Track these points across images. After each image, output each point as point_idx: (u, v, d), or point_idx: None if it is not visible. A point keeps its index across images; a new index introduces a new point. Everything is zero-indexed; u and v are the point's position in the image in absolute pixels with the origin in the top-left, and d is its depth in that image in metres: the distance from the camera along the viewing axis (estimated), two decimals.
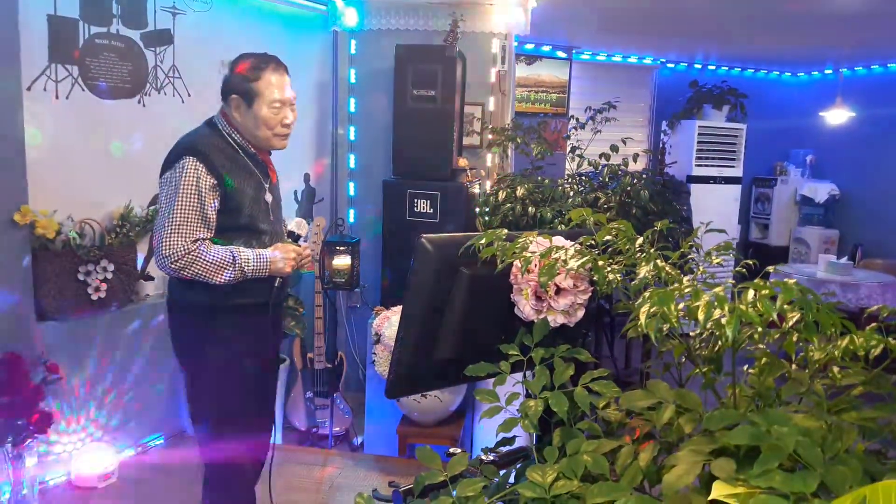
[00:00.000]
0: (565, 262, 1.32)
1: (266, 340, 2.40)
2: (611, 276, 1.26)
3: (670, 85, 6.76)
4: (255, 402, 2.43)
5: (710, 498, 0.89)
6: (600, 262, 1.28)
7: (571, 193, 3.74)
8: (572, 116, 4.39)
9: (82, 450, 3.24)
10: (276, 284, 2.34)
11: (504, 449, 1.46)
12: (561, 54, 6.02)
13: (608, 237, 1.36)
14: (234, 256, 2.21)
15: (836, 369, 1.19)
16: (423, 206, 3.83)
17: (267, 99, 2.30)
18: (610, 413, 1.25)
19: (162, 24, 3.50)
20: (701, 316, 1.00)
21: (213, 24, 3.72)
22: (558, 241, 1.43)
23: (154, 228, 2.38)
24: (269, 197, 2.43)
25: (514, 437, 1.41)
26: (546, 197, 3.80)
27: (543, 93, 5.96)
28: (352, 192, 4.47)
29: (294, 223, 2.30)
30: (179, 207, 2.16)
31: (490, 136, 4.38)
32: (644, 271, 1.21)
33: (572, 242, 1.42)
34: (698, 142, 6.44)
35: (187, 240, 2.15)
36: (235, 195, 2.25)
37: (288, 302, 3.86)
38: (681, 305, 1.10)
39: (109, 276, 3.29)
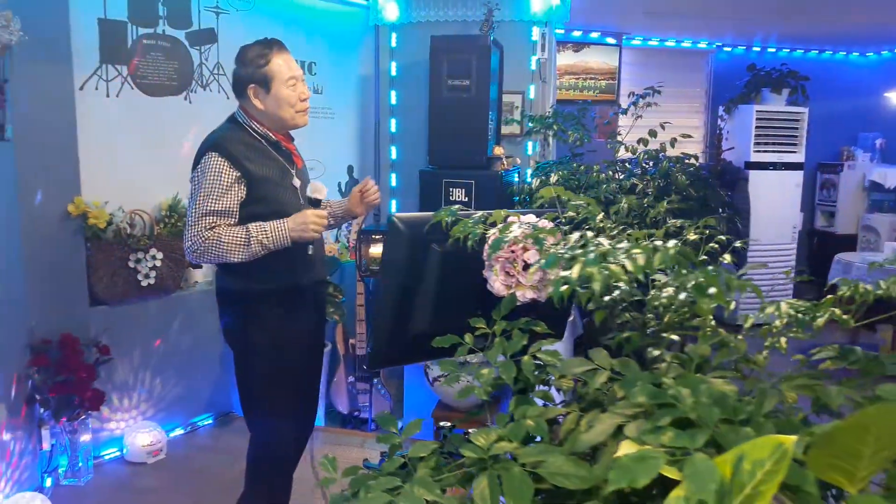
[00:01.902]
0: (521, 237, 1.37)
1: (307, 324, 2.50)
2: (560, 252, 1.30)
3: (727, 69, 6.60)
4: (299, 385, 2.53)
5: (616, 454, 0.93)
6: (549, 238, 1.32)
7: (605, 180, 3.73)
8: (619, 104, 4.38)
9: (134, 427, 3.44)
10: (308, 252, 2.41)
11: None
12: (610, 40, 5.96)
13: (571, 214, 1.39)
14: (247, 232, 2.26)
15: (783, 340, 1.20)
16: (458, 194, 3.89)
17: (282, 78, 2.39)
18: (562, 382, 1.29)
19: (206, 23, 3.67)
20: (575, 274, 1.05)
21: (256, 22, 3.87)
22: (528, 218, 1.47)
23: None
24: (297, 182, 2.52)
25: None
26: (582, 184, 3.80)
27: (592, 79, 5.92)
28: (393, 183, 4.57)
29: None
30: (201, 201, 2.27)
31: (530, 125, 4.40)
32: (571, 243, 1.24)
33: (543, 220, 1.47)
34: (756, 127, 6.26)
35: (202, 224, 2.25)
36: (261, 183, 2.35)
37: (328, 288, 3.99)
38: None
39: (158, 263, 3.48)
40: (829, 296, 1.30)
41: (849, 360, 1.29)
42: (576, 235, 1.27)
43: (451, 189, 3.91)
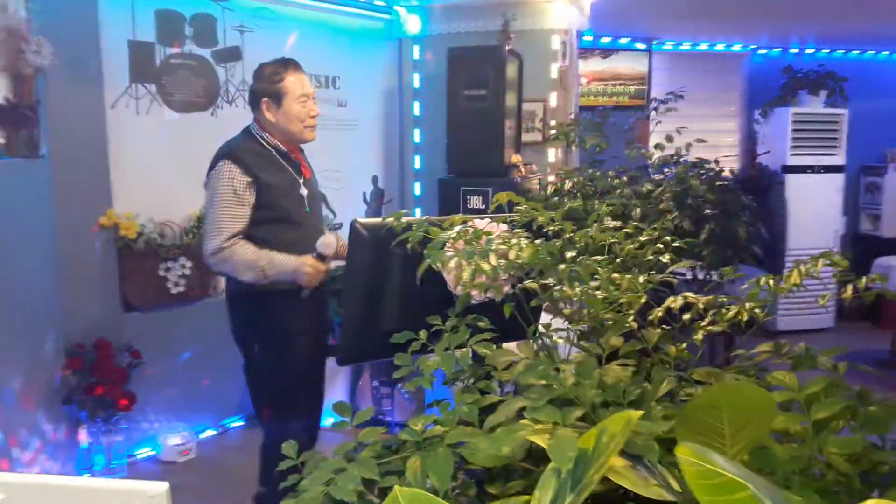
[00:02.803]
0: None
1: (311, 320, 2.62)
2: (511, 253, 1.37)
3: (763, 72, 6.52)
4: (306, 380, 2.65)
5: (519, 434, 1.01)
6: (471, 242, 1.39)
7: (620, 185, 3.75)
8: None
9: (165, 428, 3.62)
10: (302, 294, 2.54)
11: None
12: (640, 45, 5.97)
13: (516, 218, 1.47)
14: (257, 258, 2.43)
15: (700, 334, 1.26)
16: (475, 202, 3.97)
17: (293, 95, 2.55)
18: (503, 374, 1.37)
19: (231, 41, 3.85)
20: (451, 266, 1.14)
21: (280, 39, 4.03)
22: (481, 222, 1.56)
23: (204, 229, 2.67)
24: (304, 191, 2.67)
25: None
26: (598, 190, 3.84)
27: (621, 85, 5.94)
28: (417, 192, 4.67)
29: (321, 241, 2.51)
30: (217, 208, 2.46)
31: (552, 132, 4.46)
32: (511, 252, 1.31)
33: (498, 224, 1.55)
34: (793, 129, 6.16)
35: (222, 237, 2.43)
36: (270, 191, 2.52)
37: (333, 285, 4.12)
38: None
39: (188, 271, 3.65)
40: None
41: (780, 355, 1.33)
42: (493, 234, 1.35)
43: (468, 197, 3.99)
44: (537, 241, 1.56)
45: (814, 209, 6.16)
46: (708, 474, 0.68)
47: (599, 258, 1.52)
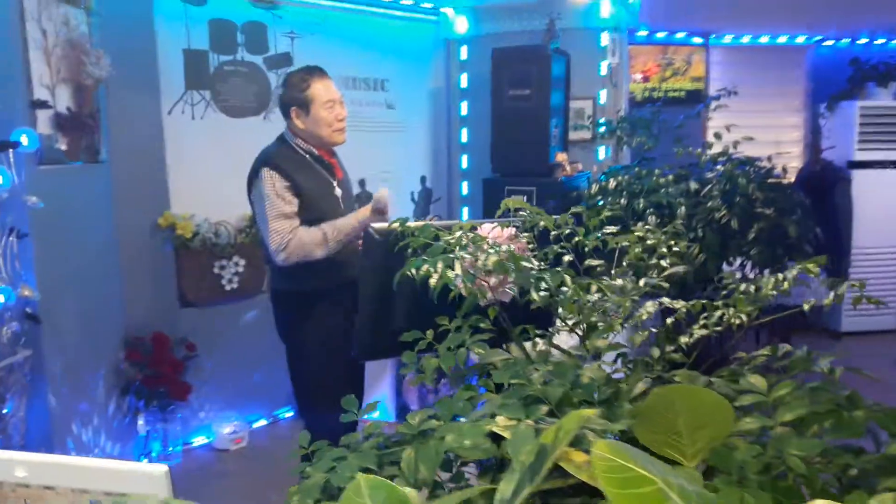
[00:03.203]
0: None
1: (349, 316, 2.74)
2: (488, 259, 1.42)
3: (828, 64, 6.30)
4: (346, 373, 2.77)
5: (489, 429, 1.07)
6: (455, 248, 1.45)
7: (665, 184, 3.73)
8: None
9: (219, 417, 3.80)
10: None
11: None
12: (696, 40, 5.87)
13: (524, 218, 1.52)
14: (323, 232, 2.60)
15: (688, 338, 1.28)
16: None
17: (320, 101, 2.68)
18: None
19: (282, 48, 3.99)
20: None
21: (329, 43, 4.15)
22: (485, 229, 1.61)
23: (260, 234, 2.79)
24: (338, 192, 2.82)
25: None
26: (643, 189, 3.82)
27: (677, 81, 5.85)
28: (465, 192, 4.74)
29: (376, 198, 2.70)
30: (270, 208, 2.61)
31: (599, 130, 4.45)
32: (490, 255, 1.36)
33: (503, 229, 1.60)
34: (861, 124, 5.94)
35: (285, 229, 2.58)
36: (306, 193, 2.66)
37: None
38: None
39: (241, 269, 3.82)
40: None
41: (778, 358, 1.35)
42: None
43: (512, 196, 4.02)
44: (555, 246, 1.61)
45: (882, 206, 5.93)
46: (618, 469, 0.72)
47: (595, 262, 1.56)
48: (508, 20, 4.56)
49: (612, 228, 1.63)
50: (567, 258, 1.53)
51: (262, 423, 4.05)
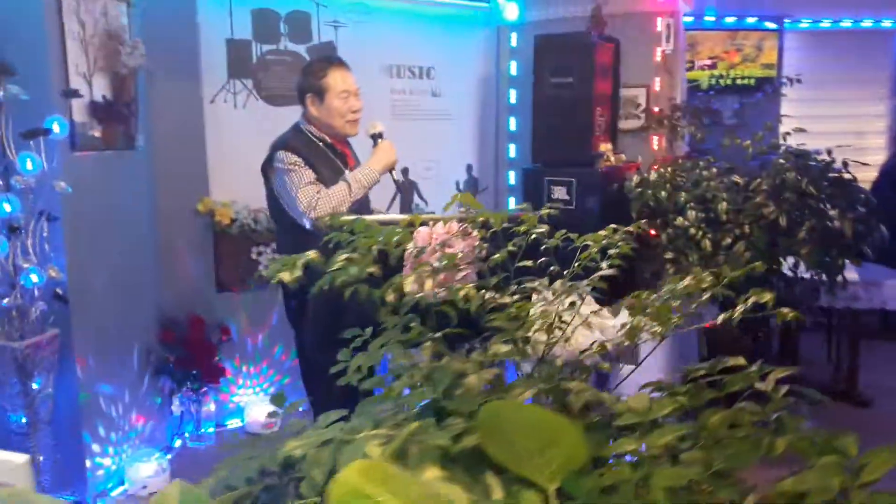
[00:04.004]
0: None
1: (355, 317, 2.76)
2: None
3: None
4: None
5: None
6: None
7: (707, 178, 3.55)
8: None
9: (252, 401, 3.88)
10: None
11: None
12: (769, 24, 5.55)
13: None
14: (347, 184, 2.69)
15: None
16: (559, 192, 3.90)
17: (335, 91, 2.69)
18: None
19: (325, 37, 4.01)
20: None
21: (374, 32, 4.15)
22: (439, 227, 1.56)
23: (287, 208, 2.82)
24: None
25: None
26: (688, 181, 3.65)
27: (747, 68, 5.56)
28: (512, 181, 4.65)
29: (370, 124, 2.80)
30: (297, 180, 2.69)
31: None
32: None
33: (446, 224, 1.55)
34: None
35: (312, 192, 2.66)
36: (319, 177, 2.70)
37: None
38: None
39: (277, 255, 3.88)
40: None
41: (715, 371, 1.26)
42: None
43: (552, 187, 3.93)
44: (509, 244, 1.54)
45: None
46: (352, 495, 0.67)
47: (527, 262, 1.48)
48: (559, 6, 4.43)
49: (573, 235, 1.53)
50: (503, 254, 1.45)
51: None
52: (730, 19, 5.50)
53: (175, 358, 3.46)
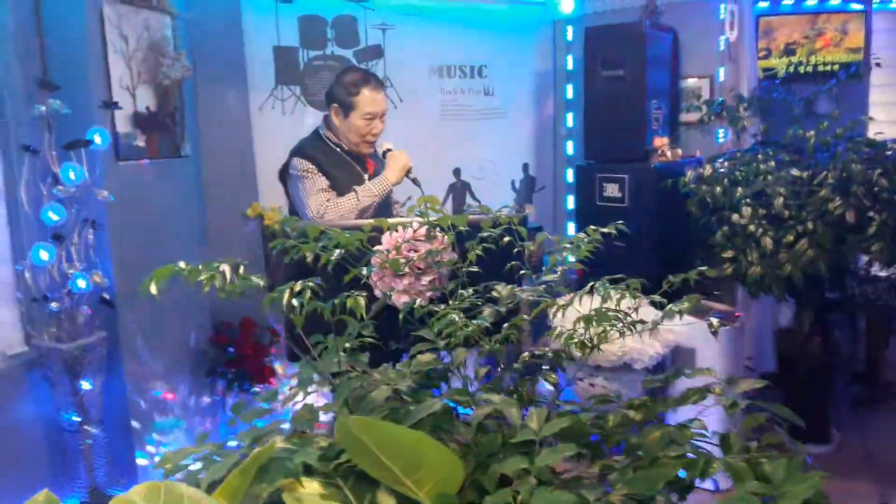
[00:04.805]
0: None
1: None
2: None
3: None
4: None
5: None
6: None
7: (764, 171, 3.32)
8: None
9: (304, 401, 3.93)
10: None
11: None
12: (855, 6, 5.16)
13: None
14: (356, 193, 2.70)
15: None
16: (611, 190, 3.76)
17: (361, 110, 2.70)
18: None
19: (373, 40, 4.02)
20: None
21: (423, 33, 4.12)
22: (412, 228, 1.51)
23: (300, 214, 2.87)
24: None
25: None
26: (746, 176, 3.44)
27: (830, 54, 5.18)
28: (570, 180, 4.52)
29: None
30: (310, 187, 2.75)
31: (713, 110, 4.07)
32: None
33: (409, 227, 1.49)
34: None
35: (322, 200, 2.71)
36: (336, 186, 2.70)
37: None
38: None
39: None
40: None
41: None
42: None
43: (604, 185, 3.79)
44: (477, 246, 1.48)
45: None
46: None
47: (474, 269, 1.41)
48: None
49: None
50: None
51: None
52: (810, 2, 5.13)
53: (226, 359, 3.55)
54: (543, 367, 1.38)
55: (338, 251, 1.36)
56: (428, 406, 1.02)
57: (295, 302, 1.28)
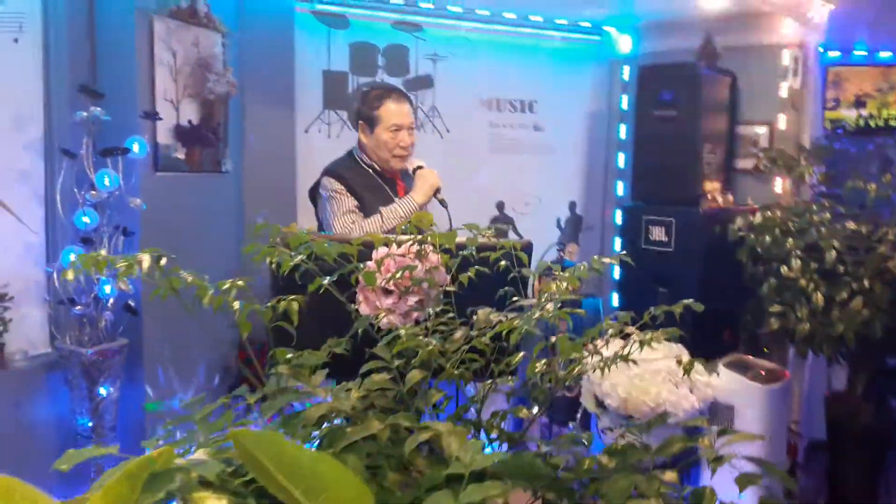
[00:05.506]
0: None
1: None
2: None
3: None
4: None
5: None
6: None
7: (818, 223, 3.13)
8: None
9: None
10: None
11: None
12: None
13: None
14: (381, 215, 2.62)
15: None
16: (657, 233, 3.61)
17: (386, 123, 2.64)
18: None
19: (423, 69, 4.02)
20: None
21: (474, 65, 4.10)
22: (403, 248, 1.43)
23: (326, 234, 2.85)
24: None
25: None
26: (799, 227, 3.26)
27: None
28: (619, 221, 4.38)
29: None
30: (336, 208, 2.69)
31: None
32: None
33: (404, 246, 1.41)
34: None
35: (348, 221, 2.65)
36: (365, 206, 2.66)
37: None
38: None
39: None
40: None
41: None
42: None
43: (650, 227, 3.65)
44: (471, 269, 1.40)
45: None
46: None
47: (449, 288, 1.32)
48: (675, 38, 4.16)
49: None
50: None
51: None
52: (884, 54, 4.92)
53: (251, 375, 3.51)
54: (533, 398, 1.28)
55: (300, 259, 1.27)
56: (363, 428, 0.93)
57: (236, 305, 1.18)
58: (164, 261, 1.11)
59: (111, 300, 2.87)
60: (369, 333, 1.32)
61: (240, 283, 1.16)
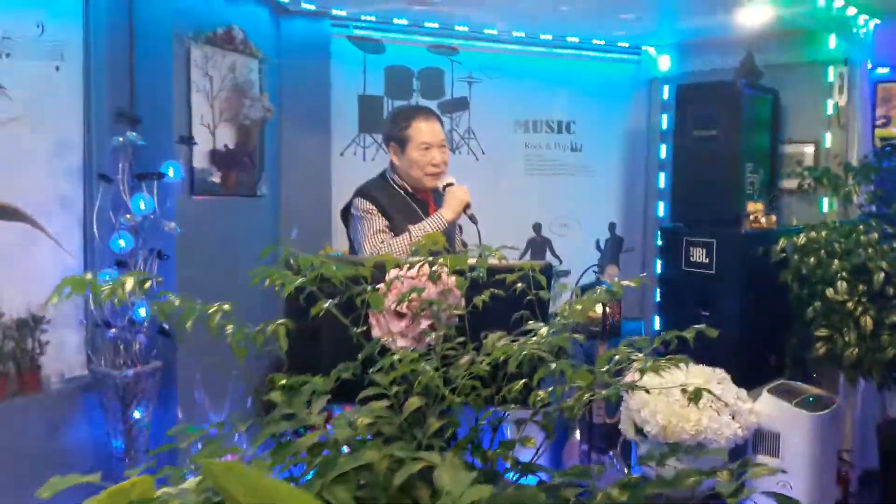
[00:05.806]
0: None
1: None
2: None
3: None
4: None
5: None
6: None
7: (865, 244, 3.01)
8: None
9: None
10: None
11: None
12: None
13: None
14: (409, 233, 2.58)
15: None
16: (698, 255, 3.52)
17: (416, 142, 2.63)
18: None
19: (459, 92, 4.01)
20: None
21: (510, 86, 4.08)
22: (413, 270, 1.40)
23: (357, 254, 2.83)
24: None
25: None
26: (846, 248, 3.13)
27: None
28: (660, 242, 4.28)
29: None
30: (367, 228, 2.66)
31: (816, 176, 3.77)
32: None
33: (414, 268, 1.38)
34: None
35: (377, 241, 2.61)
36: (396, 226, 2.64)
37: None
38: None
39: None
40: None
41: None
42: None
43: (691, 248, 3.56)
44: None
45: None
46: None
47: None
48: (716, 56, 4.09)
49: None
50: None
51: None
52: None
53: None
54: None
55: (301, 281, 1.25)
56: (354, 458, 0.89)
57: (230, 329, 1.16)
58: (147, 284, 1.08)
59: (145, 323, 2.90)
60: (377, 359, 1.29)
61: (226, 307, 1.12)
